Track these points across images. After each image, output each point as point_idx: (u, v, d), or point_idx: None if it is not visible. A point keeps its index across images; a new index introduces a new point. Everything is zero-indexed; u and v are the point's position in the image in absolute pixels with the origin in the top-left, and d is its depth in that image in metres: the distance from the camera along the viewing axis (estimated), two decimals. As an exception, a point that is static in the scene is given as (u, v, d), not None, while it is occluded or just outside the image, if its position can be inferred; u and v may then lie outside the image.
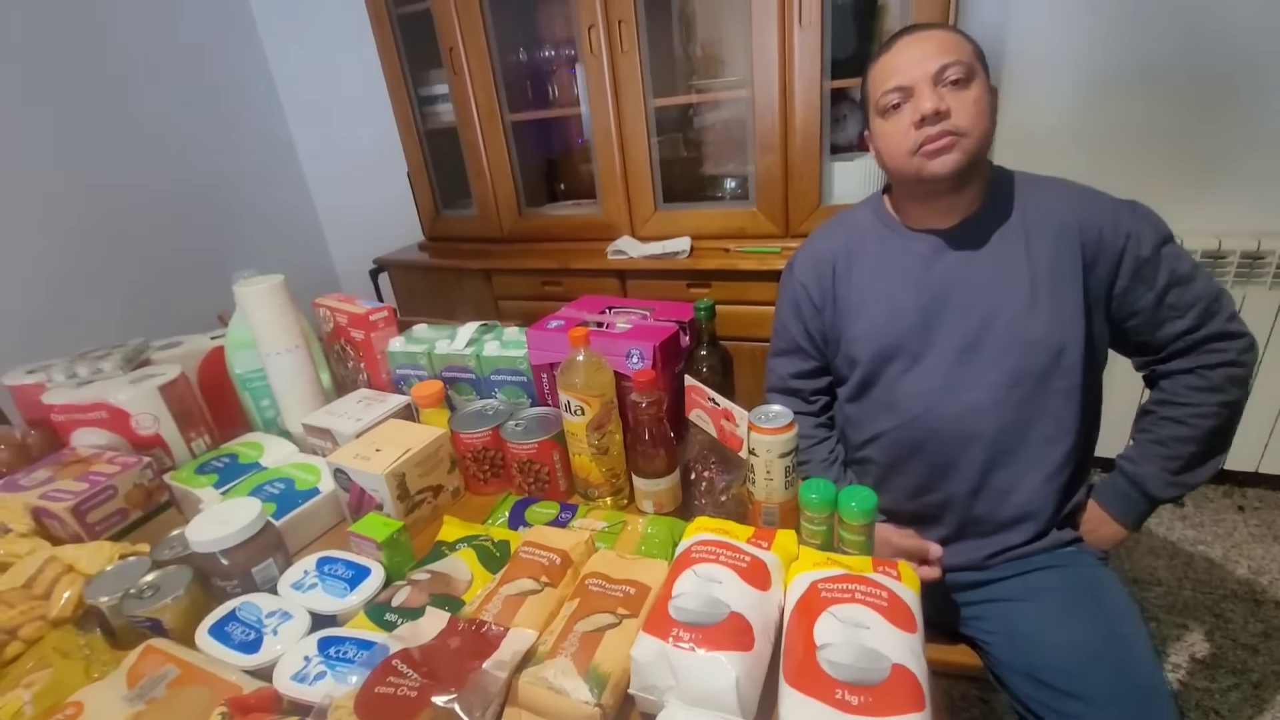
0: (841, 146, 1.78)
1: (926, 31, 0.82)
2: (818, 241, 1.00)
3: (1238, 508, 1.82)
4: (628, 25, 1.66)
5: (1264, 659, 1.38)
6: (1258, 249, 1.58)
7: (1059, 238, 0.84)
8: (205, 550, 0.68)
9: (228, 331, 1.03)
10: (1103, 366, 0.91)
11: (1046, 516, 0.90)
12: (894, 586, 0.58)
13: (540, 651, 0.56)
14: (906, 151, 0.82)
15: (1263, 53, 1.52)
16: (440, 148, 2.12)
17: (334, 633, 0.62)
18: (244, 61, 2.44)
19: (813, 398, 1.04)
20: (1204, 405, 0.86)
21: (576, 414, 0.79)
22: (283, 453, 0.97)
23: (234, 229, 2.41)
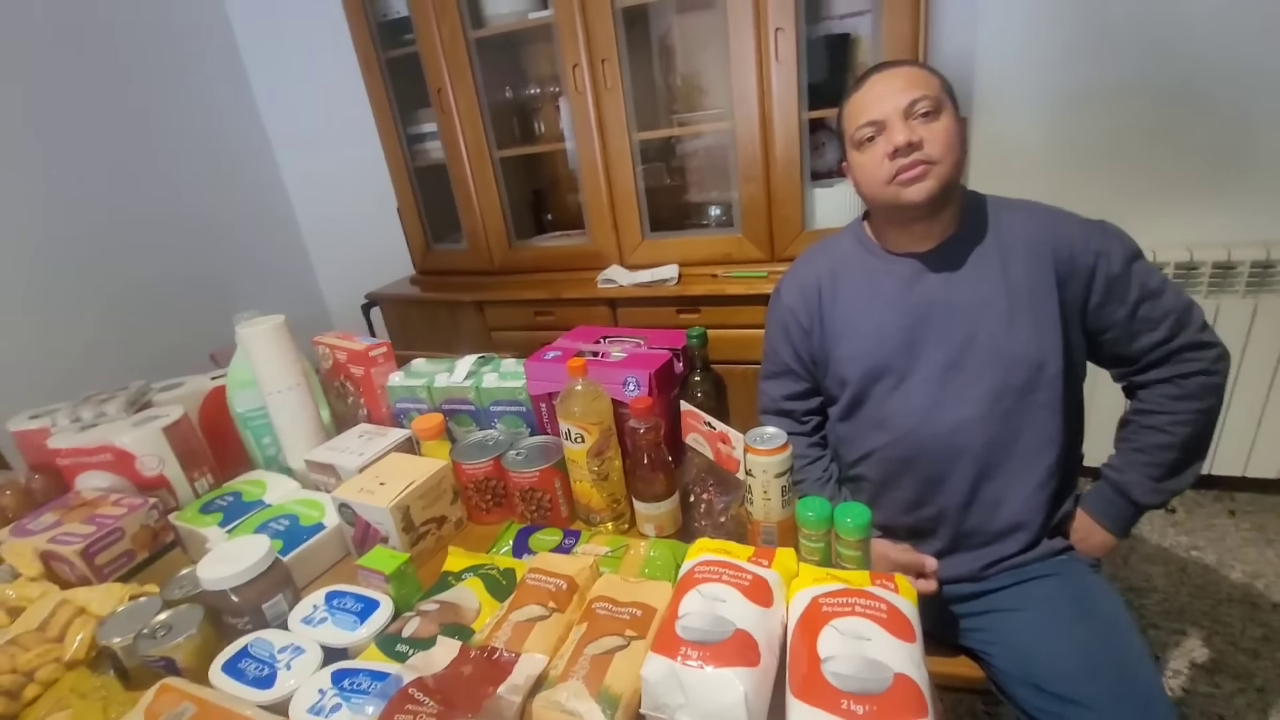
0: (821, 173, 1.84)
1: (896, 69, 0.87)
2: (803, 267, 1.04)
3: (1229, 512, 1.85)
4: (610, 64, 1.72)
5: (1266, 662, 1.40)
6: (1228, 259, 1.64)
7: (1032, 257, 0.88)
8: (216, 588, 0.69)
9: (229, 371, 1.05)
10: (1082, 379, 0.94)
11: (1037, 526, 0.92)
12: (892, 599, 0.59)
13: (552, 675, 0.58)
14: (883, 181, 0.86)
15: (1218, 73, 1.59)
16: (429, 183, 2.16)
17: (347, 665, 0.63)
18: (232, 101, 2.48)
19: (805, 418, 1.06)
20: (1181, 413, 0.89)
21: (577, 441, 0.81)
22: (285, 489, 0.98)
23: (224, 269, 2.42)
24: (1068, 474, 0.95)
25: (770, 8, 1.54)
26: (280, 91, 2.51)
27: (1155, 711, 0.78)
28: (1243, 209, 1.68)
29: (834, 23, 1.78)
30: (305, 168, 2.63)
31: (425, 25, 1.87)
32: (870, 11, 1.69)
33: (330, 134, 2.50)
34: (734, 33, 1.59)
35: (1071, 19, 1.65)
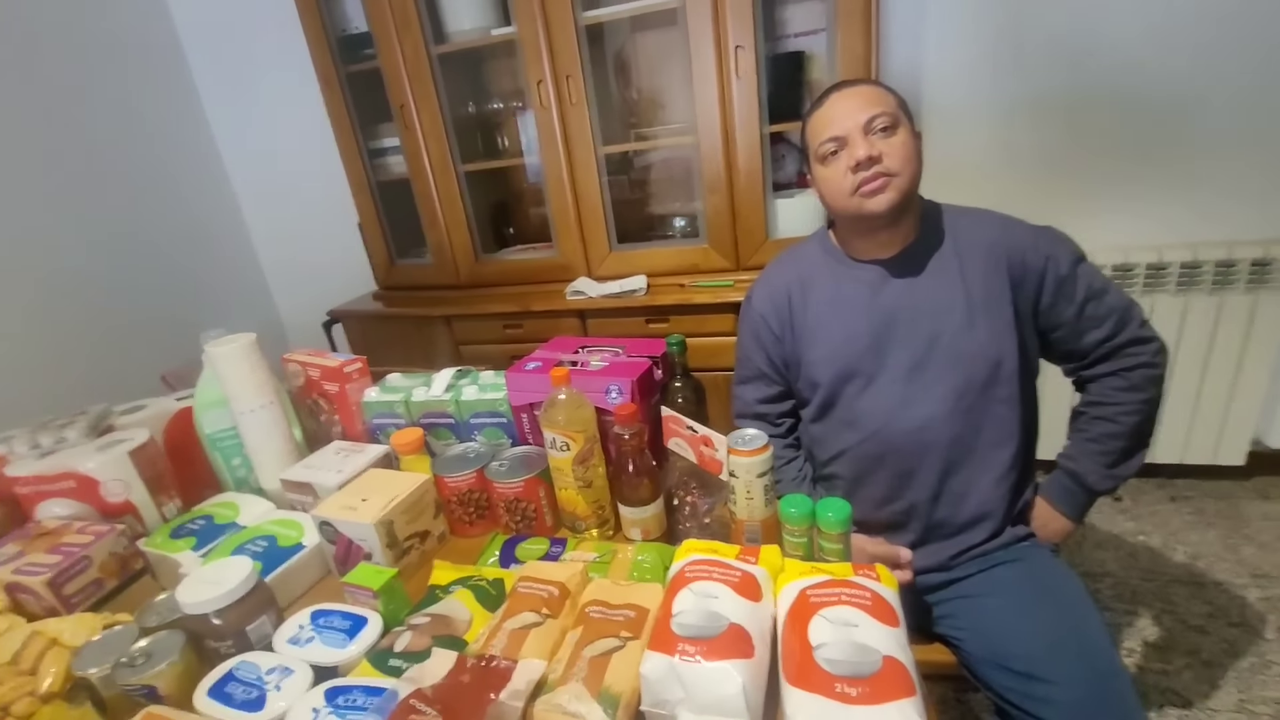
0: (782, 184, 1.89)
1: (855, 87, 0.92)
2: (773, 274, 1.07)
3: (1170, 498, 1.96)
4: (575, 80, 1.75)
5: (1212, 638, 1.49)
6: (1160, 260, 1.75)
7: (988, 261, 0.93)
8: (197, 612, 0.68)
9: (196, 391, 1.02)
10: (1036, 375, 1.00)
11: (1000, 515, 0.97)
12: (875, 587, 0.62)
13: (551, 680, 0.58)
14: (846, 193, 0.91)
15: (1140, 85, 1.71)
16: (392, 198, 2.14)
17: (341, 683, 0.62)
18: (179, 115, 2.41)
19: (778, 420, 1.10)
20: (1127, 403, 0.96)
21: (562, 450, 0.82)
22: (259, 511, 0.96)
23: (172, 289, 2.34)
24: (1026, 465, 1.01)
25: (730, 26, 1.59)
26: (231, 106, 2.45)
27: (1114, 684, 0.83)
28: (1171, 213, 1.80)
29: (790, 40, 1.84)
30: (259, 183, 2.57)
31: (386, 41, 1.86)
32: (825, 30, 1.76)
33: (285, 149, 2.45)
34: (695, 50, 1.64)
35: (1004, 37, 1.75)
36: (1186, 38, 1.64)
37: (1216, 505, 1.90)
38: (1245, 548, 1.73)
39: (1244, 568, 1.67)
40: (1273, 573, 1.64)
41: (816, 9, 1.78)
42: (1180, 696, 1.36)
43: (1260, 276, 1.71)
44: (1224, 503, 1.91)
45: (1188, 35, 1.64)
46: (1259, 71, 1.63)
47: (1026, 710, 0.85)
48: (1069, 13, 1.69)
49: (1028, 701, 0.85)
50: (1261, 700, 1.33)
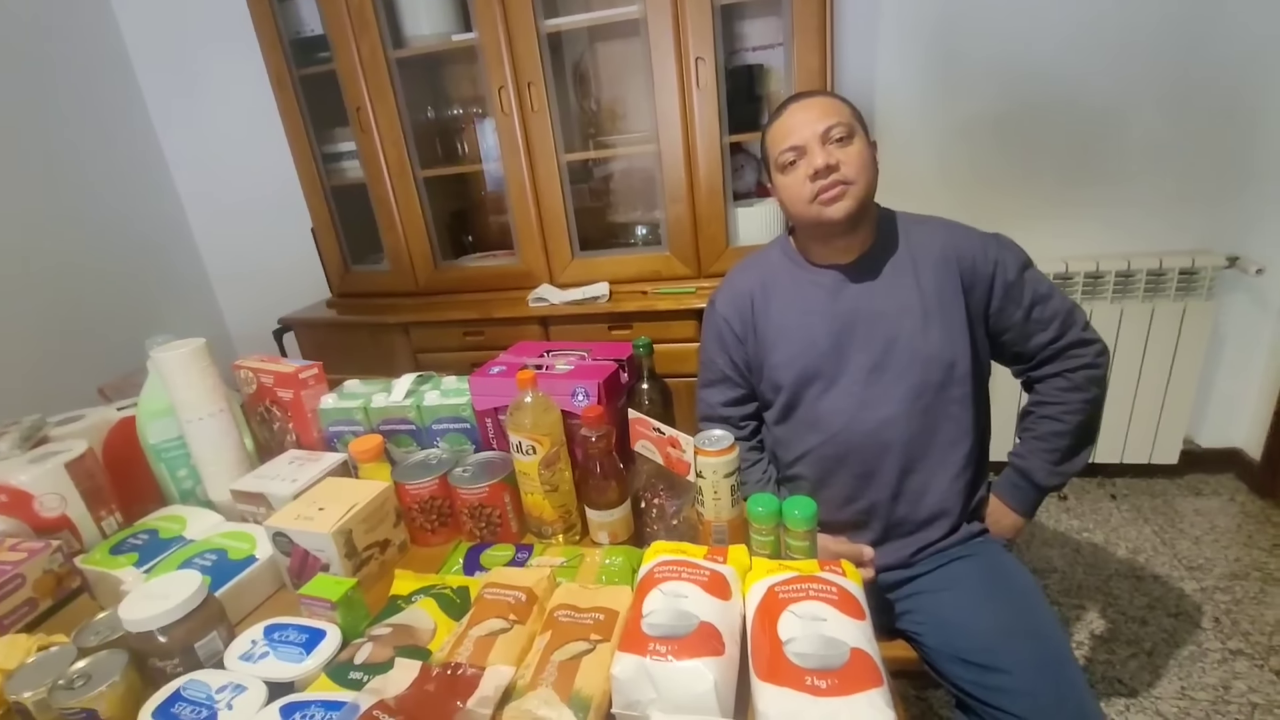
0: (741, 193, 1.93)
1: (812, 98, 0.95)
2: (735, 279, 1.09)
3: (1110, 496, 2.05)
4: (536, 87, 1.75)
5: (1152, 628, 1.56)
6: (1097, 269, 1.85)
7: (941, 267, 0.97)
8: (141, 629, 0.64)
9: (140, 400, 0.97)
10: (988, 377, 1.03)
11: (957, 512, 1.00)
12: (841, 582, 0.63)
13: (520, 685, 0.57)
14: (805, 200, 0.93)
15: (1081, 105, 1.80)
16: (347, 203, 2.09)
17: (297, 698, 0.60)
18: (123, 116, 2.31)
19: (742, 423, 1.11)
20: (1072, 403, 1.00)
21: (528, 454, 0.81)
22: (208, 523, 0.92)
23: (111, 297, 2.23)
24: (980, 463, 1.04)
25: (690, 38, 1.62)
26: (176, 105, 2.37)
27: (1065, 672, 0.86)
28: (1106, 225, 1.90)
29: (748, 54, 1.89)
30: (205, 186, 2.47)
31: (343, 44, 1.83)
32: (782, 45, 1.80)
33: (234, 151, 2.38)
34: (657, 61, 1.66)
35: (951, 57, 1.83)
36: (1111, 61, 1.75)
37: (1152, 502, 2.00)
38: (1180, 542, 1.83)
39: (1180, 561, 1.76)
40: (1205, 565, 1.73)
41: (774, 24, 1.83)
42: (1125, 686, 1.42)
43: (1188, 285, 1.82)
44: (1159, 500, 2.01)
45: (1112, 59, 1.74)
46: (1172, 103, 1.74)
47: (984, 700, 0.87)
48: (1007, 36, 1.77)
49: (985, 692, 0.87)
50: (1200, 686, 1.40)
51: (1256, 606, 1.58)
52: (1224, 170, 1.79)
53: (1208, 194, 1.82)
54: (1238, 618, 1.56)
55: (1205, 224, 1.85)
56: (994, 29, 1.78)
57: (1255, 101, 1.72)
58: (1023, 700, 0.84)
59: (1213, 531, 1.85)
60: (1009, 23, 1.76)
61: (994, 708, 0.86)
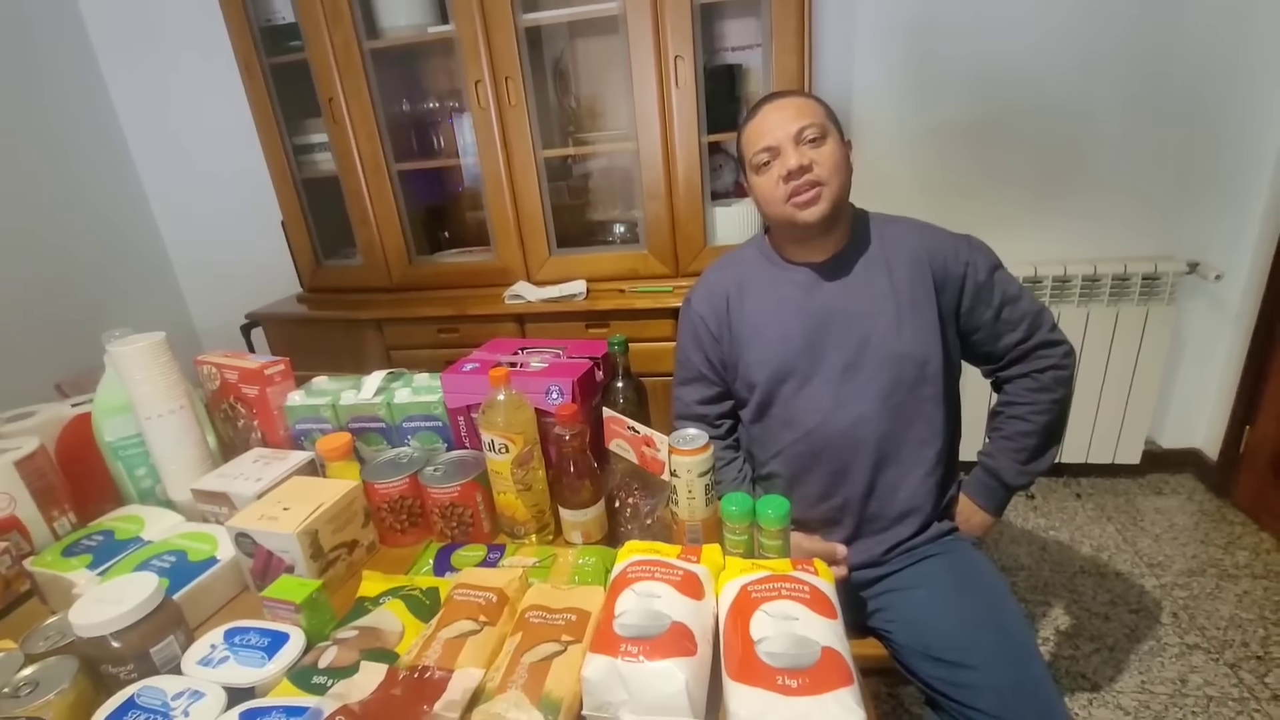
0: (719, 193, 1.93)
1: (785, 99, 0.95)
2: (711, 277, 1.09)
3: (1075, 495, 2.10)
4: (514, 81, 1.73)
5: (1115, 624, 1.60)
6: (1064, 273, 1.89)
7: (913, 267, 0.98)
8: (92, 634, 0.61)
9: (96, 396, 0.94)
10: (958, 376, 1.05)
11: (928, 510, 1.01)
12: (813, 580, 0.63)
13: (489, 688, 0.56)
14: (779, 201, 0.94)
15: (1052, 112, 1.84)
16: (318, 196, 2.05)
17: (258, 704, 0.58)
18: (83, 101, 2.23)
19: (718, 422, 1.11)
20: (1040, 403, 1.02)
21: (500, 452, 0.80)
22: (167, 524, 0.89)
23: (70, 289, 2.15)
24: (951, 462, 1.05)
25: (670, 36, 1.62)
26: (140, 92, 2.29)
27: (1030, 668, 0.87)
28: (1075, 230, 1.94)
29: (727, 54, 1.89)
30: (170, 176, 2.40)
31: (315, 34, 1.79)
32: (760, 45, 1.81)
33: (201, 140, 2.31)
34: (636, 59, 1.65)
35: (926, 62, 1.85)
36: (1077, 72, 1.78)
37: (1115, 501, 2.05)
38: (1141, 540, 1.88)
39: (1141, 558, 1.80)
40: (1165, 562, 1.78)
41: (752, 25, 1.83)
42: (1089, 680, 1.45)
43: (1150, 290, 1.87)
44: (1122, 499, 2.06)
45: (1079, 70, 1.78)
46: (1137, 113, 1.79)
47: (952, 697, 0.88)
48: (980, 44, 1.80)
49: (952, 688, 0.88)
50: (1160, 680, 1.44)
51: (1212, 602, 1.63)
52: (1186, 179, 1.84)
53: (1170, 202, 1.87)
54: (1195, 613, 1.60)
55: (1168, 231, 1.90)
56: (967, 37, 1.81)
57: (1215, 114, 1.77)
58: (988, 695, 0.85)
59: (1172, 529, 1.91)
60: (982, 31, 1.79)
61: (961, 704, 0.87)
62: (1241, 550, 1.80)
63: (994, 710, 0.84)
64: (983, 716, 0.85)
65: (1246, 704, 1.36)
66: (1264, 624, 1.55)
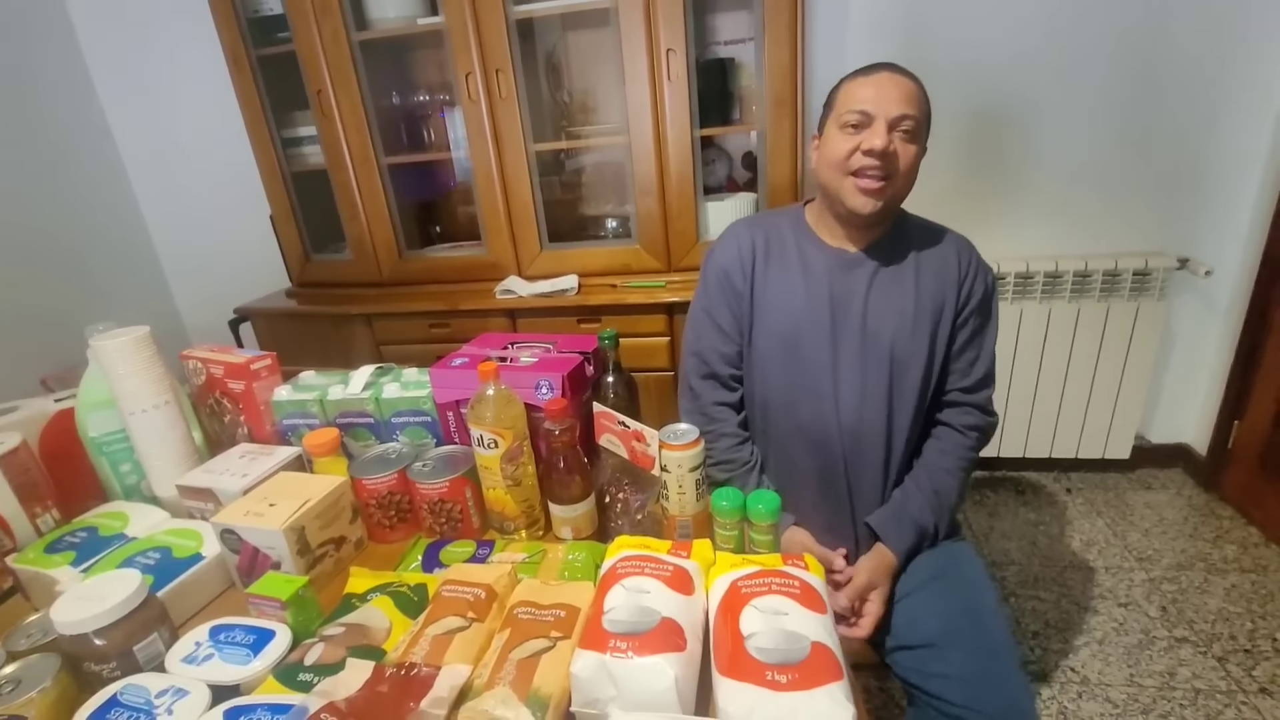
0: (712, 188, 1.92)
1: (905, 79, 0.91)
2: (740, 231, 1.05)
3: (1066, 490, 2.11)
4: (505, 74, 1.71)
5: (1103, 617, 1.61)
6: (1056, 269, 1.89)
7: (942, 279, 0.97)
8: (75, 632, 0.61)
9: (80, 391, 0.93)
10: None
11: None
12: (804, 576, 0.63)
13: (477, 685, 0.56)
14: (842, 169, 0.91)
15: (1051, 106, 1.84)
16: (308, 190, 2.03)
17: (242, 702, 0.57)
18: (67, 92, 2.20)
19: (732, 384, 1.06)
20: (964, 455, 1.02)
21: (489, 447, 0.79)
22: (152, 520, 0.88)
23: (58, 282, 2.13)
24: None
25: (662, 29, 1.61)
26: (126, 83, 2.26)
27: (1001, 661, 0.88)
28: (1066, 226, 1.94)
29: (719, 48, 1.88)
30: (158, 169, 2.37)
31: (304, 24, 1.77)
32: (753, 39, 1.80)
33: (188, 132, 2.28)
34: (628, 52, 1.64)
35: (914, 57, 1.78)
36: (1071, 70, 1.78)
37: (1105, 496, 2.06)
38: (1131, 534, 1.89)
39: (1130, 552, 1.82)
40: (1154, 556, 1.79)
41: (745, 18, 1.83)
42: (1078, 674, 1.46)
43: (1141, 286, 1.88)
44: (1111, 493, 2.07)
45: (1073, 68, 1.78)
46: (1128, 111, 1.79)
47: (924, 687, 0.89)
48: (971, 41, 1.80)
49: (925, 678, 0.89)
50: (1149, 673, 1.45)
51: (1200, 596, 1.64)
52: (1176, 176, 1.85)
53: (1161, 198, 1.88)
54: (1183, 606, 1.61)
55: (1158, 227, 1.90)
56: (958, 32, 1.80)
57: (1206, 112, 1.77)
58: (959, 685, 0.86)
59: (1161, 524, 1.92)
60: (972, 27, 1.79)
61: (933, 694, 0.88)
62: (1230, 544, 1.82)
63: (962, 700, 0.85)
64: (951, 706, 0.86)
65: (1234, 697, 1.37)
66: (1251, 617, 1.56)
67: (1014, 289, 1.93)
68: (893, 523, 0.98)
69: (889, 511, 1.00)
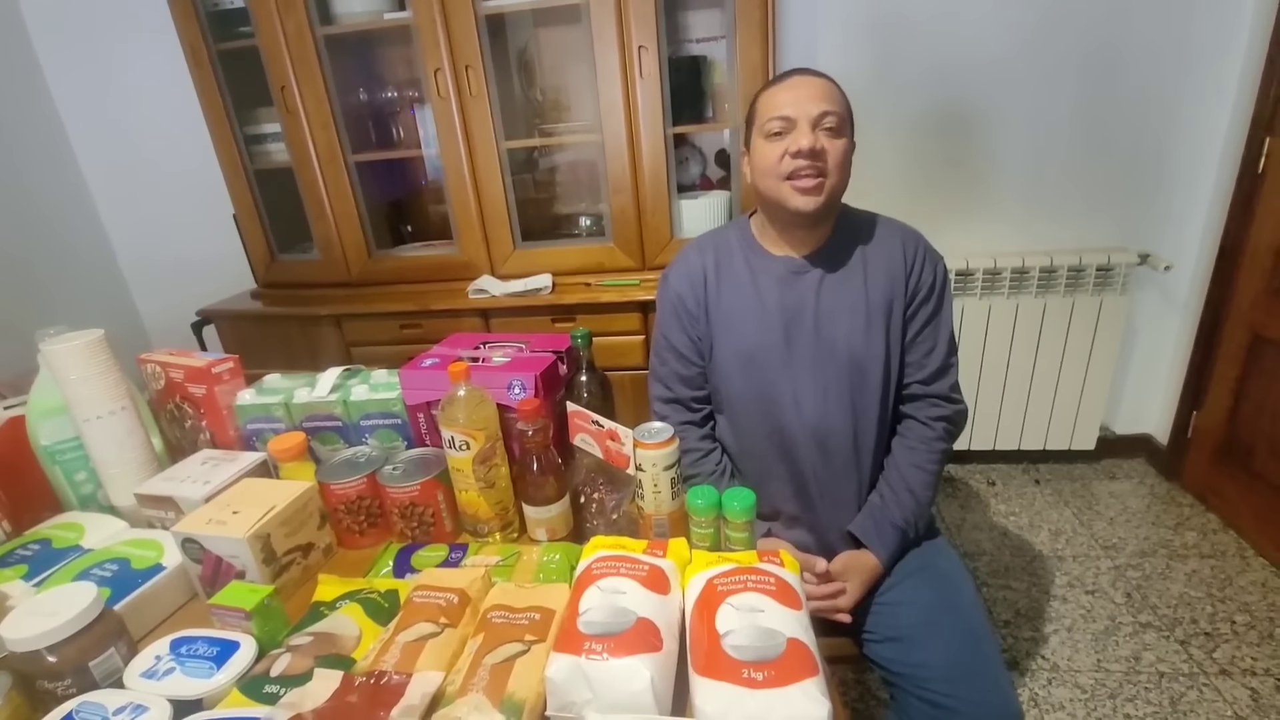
0: (685, 185, 1.92)
1: (818, 78, 0.93)
2: (691, 254, 1.06)
3: (1034, 481, 2.16)
4: (475, 70, 1.69)
5: (1071, 605, 1.64)
6: (1023, 264, 1.93)
7: (889, 273, 0.97)
8: (26, 649, 0.58)
9: (30, 398, 0.89)
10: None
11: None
12: (779, 572, 0.63)
13: (449, 692, 0.54)
14: (777, 175, 0.91)
15: (1016, 105, 1.87)
16: (272, 188, 1.98)
17: (204, 716, 0.55)
18: (15, 87, 2.11)
19: (696, 406, 1.08)
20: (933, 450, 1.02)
21: (461, 449, 0.78)
22: (109, 531, 0.85)
23: (8, 285, 2.05)
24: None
25: (633, 26, 1.60)
26: (79, 77, 2.18)
27: (981, 650, 0.89)
28: (1031, 222, 1.98)
29: (691, 45, 1.88)
30: (114, 167, 2.29)
31: (266, 19, 1.72)
32: (724, 38, 1.80)
33: (146, 129, 2.21)
34: (599, 49, 1.63)
35: (884, 56, 1.87)
36: (1034, 68, 1.82)
37: (1072, 486, 2.11)
38: (1097, 523, 1.93)
39: (1096, 541, 1.86)
40: (1119, 544, 1.84)
41: (716, 16, 1.83)
42: (1048, 661, 1.49)
43: (1104, 281, 1.92)
44: (1078, 483, 2.12)
45: (1036, 67, 1.82)
46: (1091, 110, 1.83)
47: (905, 677, 0.90)
48: (938, 39, 1.82)
49: (906, 669, 0.90)
50: (1115, 659, 1.48)
51: (1163, 581, 1.69)
52: (1137, 173, 1.90)
53: (1123, 195, 1.93)
54: (1146, 592, 1.66)
55: (1121, 224, 1.95)
56: (927, 31, 1.82)
57: (1164, 114, 1.82)
58: (940, 674, 0.87)
59: (1125, 512, 1.97)
60: (941, 26, 1.81)
61: (913, 684, 0.89)
62: (1190, 531, 1.87)
63: (944, 689, 0.86)
64: (934, 695, 0.87)
65: (1196, 679, 1.42)
66: (1211, 601, 1.61)
67: (982, 285, 1.96)
68: (874, 530, 0.99)
69: (869, 519, 1.00)
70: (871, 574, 0.97)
